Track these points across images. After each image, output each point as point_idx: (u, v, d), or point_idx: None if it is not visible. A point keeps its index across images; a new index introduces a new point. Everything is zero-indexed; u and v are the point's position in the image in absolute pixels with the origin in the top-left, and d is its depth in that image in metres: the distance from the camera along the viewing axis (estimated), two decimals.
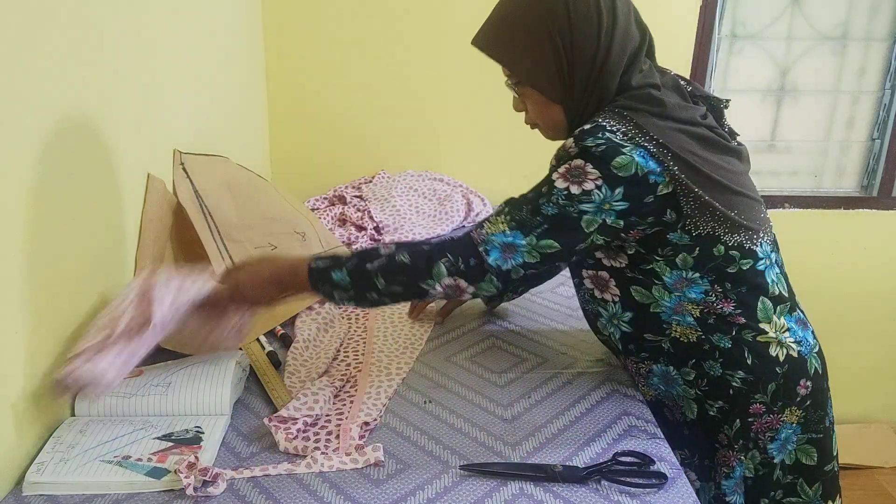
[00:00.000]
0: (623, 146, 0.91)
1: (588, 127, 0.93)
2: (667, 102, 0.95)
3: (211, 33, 1.63)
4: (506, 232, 0.93)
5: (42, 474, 0.86)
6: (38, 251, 0.90)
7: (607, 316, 1.07)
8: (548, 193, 0.92)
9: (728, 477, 1.05)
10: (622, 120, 0.93)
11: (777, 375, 1.01)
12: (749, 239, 0.98)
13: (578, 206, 0.91)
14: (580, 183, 0.91)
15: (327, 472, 0.90)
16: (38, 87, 0.90)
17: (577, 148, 0.91)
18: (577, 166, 0.91)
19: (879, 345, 2.47)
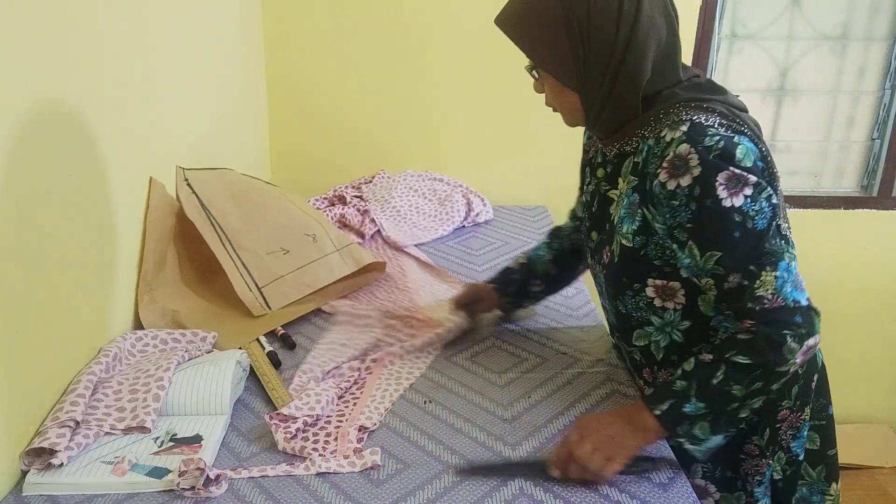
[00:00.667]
0: (732, 137, 0.87)
1: (687, 128, 0.87)
2: (726, 90, 0.93)
3: (211, 33, 1.63)
4: (779, 276, 0.87)
5: (42, 475, 0.86)
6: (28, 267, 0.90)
7: (659, 324, 1.01)
8: (745, 217, 0.85)
9: (760, 483, 1.05)
10: (705, 112, 0.89)
11: (798, 377, 1.01)
12: (789, 228, 0.95)
13: (762, 198, 0.86)
14: (746, 183, 0.85)
15: (325, 472, 0.90)
16: (33, 82, 0.90)
17: (695, 150, 0.86)
18: (728, 178, 0.85)
19: (880, 345, 2.47)
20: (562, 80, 0.96)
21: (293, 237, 1.41)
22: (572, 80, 0.95)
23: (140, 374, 1.01)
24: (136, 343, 1.10)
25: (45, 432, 0.88)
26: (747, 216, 0.86)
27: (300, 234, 1.42)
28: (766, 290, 0.87)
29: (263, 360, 1.15)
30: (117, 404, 0.96)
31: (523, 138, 2.13)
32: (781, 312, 0.87)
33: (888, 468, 2.40)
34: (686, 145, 0.86)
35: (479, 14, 2.03)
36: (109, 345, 1.06)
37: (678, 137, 0.88)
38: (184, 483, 0.85)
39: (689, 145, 0.86)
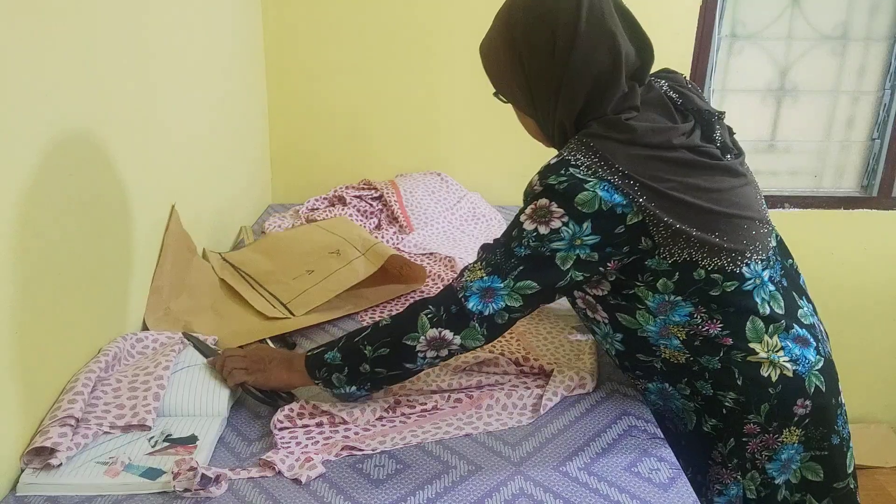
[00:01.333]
0: (586, 181, 0.90)
1: (553, 162, 0.94)
2: (637, 128, 0.93)
3: (211, 34, 1.63)
4: (483, 277, 0.94)
5: (37, 475, 0.86)
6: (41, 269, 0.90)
7: (601, 334, 1.06)
8: (518, 236, 0.93)
9: (720, 494, 1.03)
10: (588, 151, 0.92)
11: (770, 396, 0.98)
12: (732, 262, 0.95)
13: (549, 245, 0.92)
14: (547, 222, 0.91)
15: (326, 470, 0.90)
16: (34, 88, 0.89)
17: (540, 185, 0.92)
18: (542, 206, 0.92)
19: (880, 344, 2.47)
20: (516, 105, 1.05)
21: (317, 258, 1.46)
22: (523, 105, 1.03)
23: (139, 372, 1.00)
24: (135, 344, 1.10)
25: (47, 431, 0.87)
26: (520, 237, 0.93)
27: (324, 254, 1.47)
28: (467, 275, 0.96)
29: None
30: (116, 401, 0.96)
31: (523, 138, 2.12)
32: (450, 294, 0.96)
33: (888, 468, 2.40)
34: (537, 177, 0.94)
35: (479, 14, 2.03)
36: (109, 345, 1.06)
37: (541, 168, 0.95)
38: (178, 485, 0.84)
39: (538, 177, 0.94)
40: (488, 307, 0.94)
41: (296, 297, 1.34)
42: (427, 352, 0.96)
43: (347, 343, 0.99)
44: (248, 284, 1.41)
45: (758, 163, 2.33)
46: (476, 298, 0.94)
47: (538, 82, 0.98)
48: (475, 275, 0.95)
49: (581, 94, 0.95)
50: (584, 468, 0.91)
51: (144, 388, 0.97)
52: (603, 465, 0.92)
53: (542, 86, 0.98)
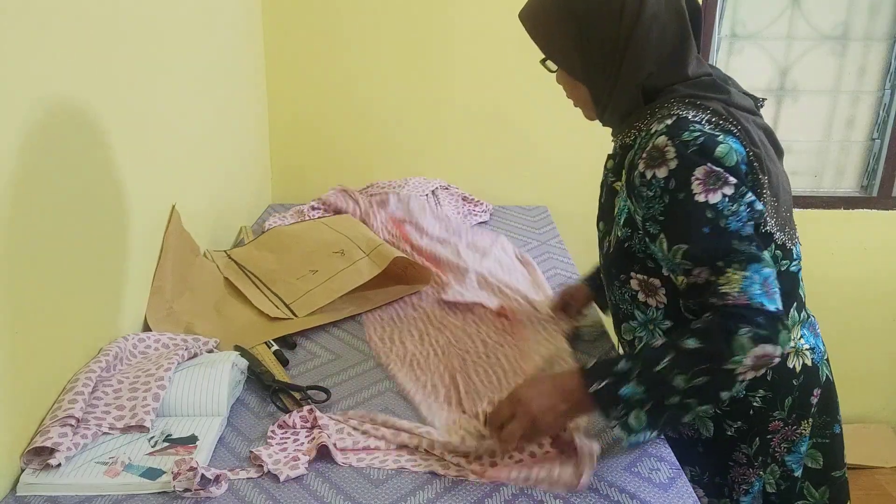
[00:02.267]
0: (716, 135, 0.86)
1: (671, 122, 0.87)
2: (730, 90, 0.92)
3: (211, 34, 1.63)
4: (747, 276, 0.82)
5: (37, 475, 0.85)
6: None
7: (642, 320, 1.00)
8: (719, 214, 0.83)
9: (747, 493, 1.03)
10: (696, 109, 0.89)
11: (793, 388, 0.99)
12: (790, 239, 0.94)
13: (744, 200, 0.85)
14: (725, 182, 0.84)
15: (326, 470, 0.90)
16: (35, 88, 0.89)
17: (673, 144, 0.85)
18: (706, 174, 0.84)
19: (879, 345, 2.47)
20: (569, 73, 0.99)
21: (321, 257, 1.45)
22: (578, 73, 0.98)
23: (140, 374, 1.00)
24: (137, 344, 1.09)
25: (47, 431, 0.87)
26: (720, 214, 0.84)
27: (328, 253, 1.46)
28: (731, 288, 0.82)
29: (271, 360, 1.15)
30: (117, 402, 0.96)
31: (523, 139, 2.13)
32: (743, 309, 0.82)
33: (888, 468, 2.40)
34: (664, 137, 0.86)
35: (483, 18, 2.04)
36: (110, 345, 1.06)
37: (659, 129, 0.88)
38: (178, 485, 0.84)
39: (666, 137, 0.86)
40: (776, 300, 0.82)
41: (299, 297, 1.34)
42: (747, 374, 0.81)
43: (648, 373, 0.82)
44: (252, 284, 1.41)
45: None
46: (765, 298, 0.82)
47: (601, 47, 0.93)
48: (736, 280, 0.82)
49: (650, 59, 0.92)
50: None
51: (144, 389, 0.97)
52: (603, 465, 0.91)
53: (604, 50, 0.93)
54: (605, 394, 0.83)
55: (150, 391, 0.96)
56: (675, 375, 0.81)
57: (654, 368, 0.82)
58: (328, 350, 1.23)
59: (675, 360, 0.81)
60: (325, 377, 1.14)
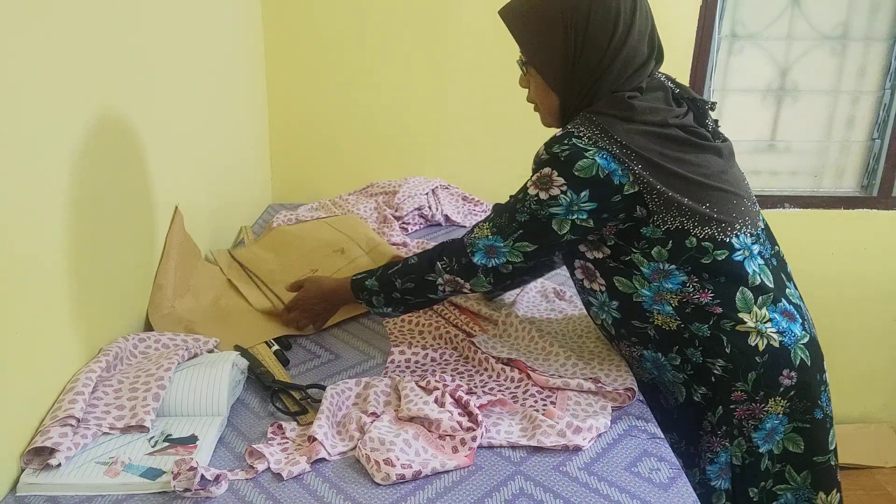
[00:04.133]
0: (586, 150, 0.98)
1: (558, 134, 1.01)
2: (636, 106, 1.00)
3: (211, 34, 1.63)
4: (488, 237, 1.06)
5: (37, 475, 0.85)
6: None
7: (598, 304, 1.12)
8: (522, 200, 1.03)
9: (712, 462, 1.08)
10: (590, 125, 1.00)
11: (757, 364, 1.03)
12: (722, 231, 1.01)
13: (548, 209, 1.00)
14: (548, 189, 1.00)
15: (326, 470, 0.90)
16: (34, 88, 0.89)
17: (546, 154, 1.00)
18: (545, 174, 1.00)
19: (879, 345, 2.47)
20: (547, 81, 1.05)
21: (321, 256, 1.48)
22: (558, 83, 1.04)
23: (140, 374, 1.00)
24: (137, 344, 1.10)
25: (47, 431, 0.87)
26: (524, 200, 1.02)
27: (328, 252, 1.50)
28: (475, 232, 1.08)
29: (271, 360, 1.15)
30: (117, 402, 0.96)
31: (524, 139, 2.12)
32: (460, 247, 1.09)
33: (888, 468, 2.40)
34: (543, 147, 1.02)
35: (481, 20, 2.03)
36: (110, 345, 1.06)
37: (547, 140, 1.02)
38: (178, 485, 0.84)
39: (544, 147, 1.01)
40: (491, 261, 1.06)
41: None
42: (445, 287, 1.11)
43: (383, 273, 1.16)
44: (254, 284, 1.41)
45: (758, 163, 2.33)
46: (481, 254, 1.06)
47: (586, 62, 1.00)
48: (482, 233, 1.07)
49: (622, 77, 1.01)
50: (584, 468, 0.91)
51: (145, 389, 0.97)
52: (603, 465, 0.92)
53: (588, 65, 1.01)
54: (356, 282, 1.19)
55: (151, 391, 0.96)
56: (396, 277, 1.14)
57: (387, 271, 1.16)
58: (328, 350, 1.23)
59: (398, 269, 1.15)
60: (325, 377, 1.14)
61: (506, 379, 1.10)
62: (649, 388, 1.12)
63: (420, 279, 1.12)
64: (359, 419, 0.96)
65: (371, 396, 1.02)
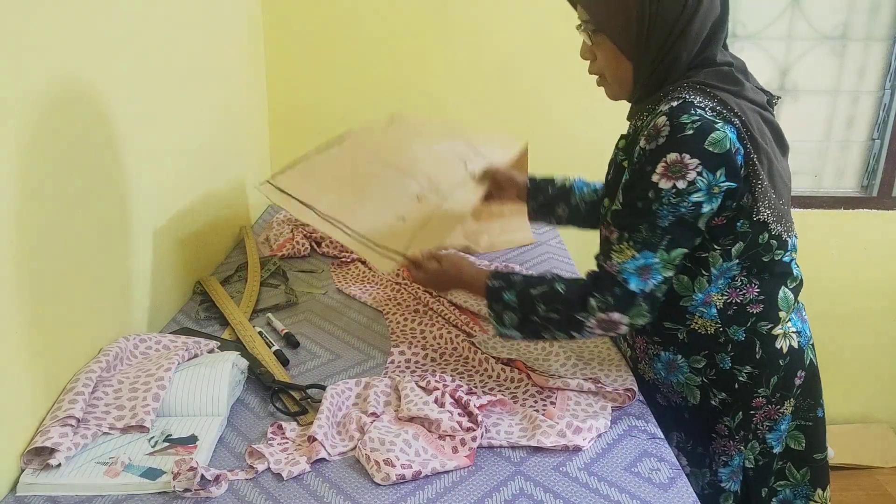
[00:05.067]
0: (715, 122, 0.90)
1: (677, 104, 0.91)
2: (744, 83, 0.95)
3: (211, 34, 1.63)
4: (635, 256, 0.93)
5: (37, 475, 0.85)
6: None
7: None
8: (657, 199, 0.91)
9: (725, 465, 1.07)
10: (706, 96, 0.92)
11: (779, 368, 1.03)
12: (787, 230, 0.99)
13: (690, 199, 0.90)
14: (683, 176, 0.89)
15: (326, 470, 0.90)
16: (34, 88, 0.89)
17: (670, 126, 0.89)
18: (674, 161, 0.89)
19: (879, 344, 2.47)
20: (621, 47, 0.97)
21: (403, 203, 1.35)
22: (632, 49, 0.96)
23: (140, 374, 1.00)
24: (138, 345, 1.10)
25: (47, 431, 0.87)
26: (658, 198, 0.91)
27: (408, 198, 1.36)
28: (617, 257, 0.94)
29: (271, 360, 1.15)
30: (117, 402, 0.96)
31: (523, 138, 2.12)
32: (608, 278, 0.95)
33: (888, 468, 2.40)
34: (664, 118, 0.91)
35: (481, 16, 2.04)
36: (110, 345, 1.06)
37: (663, 110, 0.92)
38: (178, 485, 0.84)
39: (666, 118, 0.91)
40: (648, 283, 0.93)
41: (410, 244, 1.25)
42: (595, 330, 0.97)
43: (524, 292, 1.00)
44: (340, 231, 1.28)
45: None
46: (635, 279, 0.93)
47: (663, 21, 0.93)
48: (625, 255, 0.93)
49: (701, 37, 0.94)
50: (584, 468, 0.91)
51: (145, 389, 0.97)
52: (603, 465, 0.91)
53: (665, 25, 0.93)
54: (493, 291, 1.03)
55: (151, 391, 0.96)
56: (539, 303, 0.99)
57: (530, 291, 1.00)
58: (328, 350, 1.23)
59: (544, 293, 0.99)
60: (325, 377, 1.14)
61: (505, 379, 1.10)
62: (648, 386, 1.11)
63: (567, 315, 0.97)
64: (359, 419, 0.96)
65: (371, 396, 1.02)
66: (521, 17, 2.00)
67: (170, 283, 1.36)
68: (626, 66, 0.98)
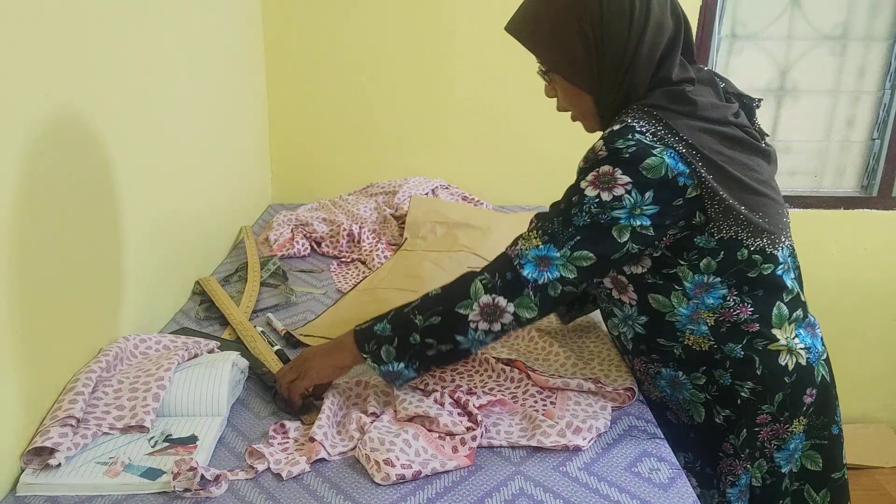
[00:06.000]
0: (653, 147, 0.89)
1: (617, 128, 0.91)
2: (698, 101, 0.93)
3: (211, 34, 1.63)
4: (539, 246, 0.92)
5: (36, 475, 0.85)
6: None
7: (622, 316, 1.05)
8: (579, 203, 0.91)
9: (733, 485, 1.04)
10: (652, 120, 0.92)
11: (785, 385, 1.00)
12: (771, 243, 0.96)
13: (610, 212, 0.90)
14: (610, 189, 0.90)
15: (326, 471, 0.90)
16: (34, 88, 0.89)
17: (606, 150, 0.90)
18: (605, 172, 0.90)
19: (879, 345, 2.47)
20: (576, 84, 0.98)
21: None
22: (586, 83, 0.97)
23: (140, 374, 1.00)
24: (138, 345, 1.09)
25: (47, 431, 0.87)
26: (580, 202, 0.91)
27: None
28: (521, 243, 0.94)
29: (273, 360, 1.15)
30: (117, 402, 0.96)
31: (524, 139, 2.13)
32: (504, 261, 0.94)
33: (888, 468, 2.40)
34: (601, 141, 0.92)
35: (479, 17, 2.04)
36: (110, 345, 1.06)
37: (604, 133, 0.93)
38: (178, 485, 0.84)
39: (603, 142, 0.92)
40: (543, 276, 0.92)
41: None
42: (479, 322, 0.93)
43: (397, 314, 0.97)
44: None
45: None
46: (531, 266, 0.92)
47: (611, 51, 0.93)
48: (530, 243, 0.93)
49: (654, 58, 0.94)
50: (584, 468, 0.91)
51: (145, 389, 0.97)
52: (603, 465, 0.91)
53: (614, 54, 0.93)
54: (363, 332, 0.98)
55: (151, 391, 0.96)
56: (416, 315, 0.94)
57: (403, 310, 0.96)
58: None
59: (419, 303, 0.96)
60: None
61: (506, 379, 1.10)
62: (657, 404, 1.08)
63: (448, 311, 0.93)
64: (359, 419, 0.96)
65: (371, 396, 1.02)
66: None
67: (169, 283, 1.36)
68: (587, 99, 0.99)
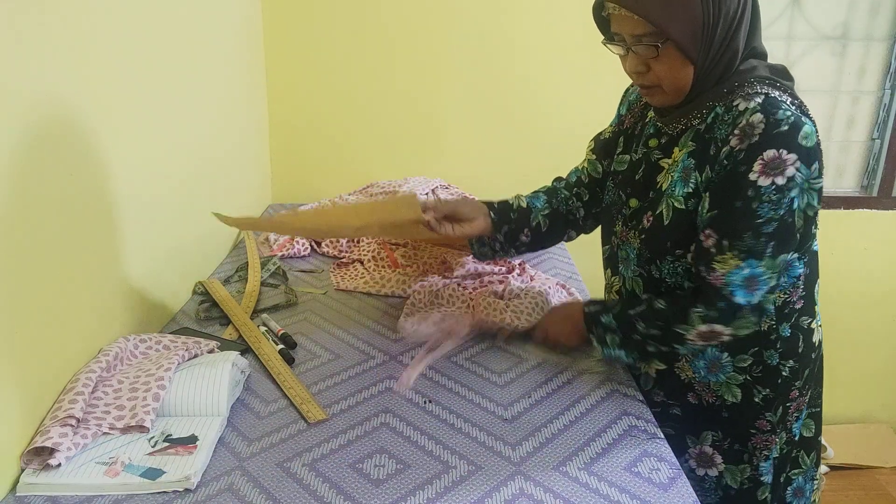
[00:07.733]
0: (801, 116, 0.89)
1: (761, 100, 0.90)
2: (790, 74, 0.96)
3: (211, 34, 1.63)
4: (740, 266, 0.90)
5: (37, 475, 0.86)
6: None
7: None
8: (757, 197, 0.88)
9: (767, 459, 1.09)
10: (777, 90, 0.92)
11: (812, 361, 1.06)
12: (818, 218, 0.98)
13: (789, 194, 0.88)
14: (782, 172, 0.87)
15: (326, 471, 0.90)
16: (34, 88, 0.89)
17: (765, 122, 0.87)
18: (771, 158, 0.87)
19: (879, 345, 2.47)
20: (685, 52, 0.92)
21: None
22: (695, 51, 0.92)
23: (140, 374, 1.00)
24: (138, 345, 1.10)
25: (47, 431, 0.87)
26: (758, 196, 0.88)
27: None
28: (720, 268, 0.91)
29: (277, 359, 1.15)
30: (117, 402, 0.96)
31: (524, 139, 2.13)
32: (713, 291, 0.93)
33: (888, 468, 2.40)
34: (759, 115, 0.89)
35: (479, 17, 2.04)
36: (110, 345, 1.06)
37: (752, 107, 0.90)
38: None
39: (762, 115, 0.88)
40: (755, 296, 0.91)
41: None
42: (697, 342, 0.97)
43: (622, 312, 1.03)
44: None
45: None
46: (741, 291, 0.91)
47: (724, 16, 0.90)
48: (729, 265, 0.90)
49: (753, 26, 0.94)
50: (584, 468, 0.91)
51: (145, 389, 0.97)
52: (603, 465, 0.92)
53: (725, 19, 0.91)
54: (591, 316, 1.06)
55: (151, 391, 0.96)
56: (639, 321, 1.00)
57: (628, 310, 1.02)
58: (328, 350, 1.23)
59: (643, 311, 1.00)
60: (325, 377, 1.14)
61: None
62: (681, 386, 1.09)
63: (667, 328, 0.97)
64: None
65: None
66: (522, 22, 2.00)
67: (169, 283, 1.36)
68: (688, 70, 0.94)
